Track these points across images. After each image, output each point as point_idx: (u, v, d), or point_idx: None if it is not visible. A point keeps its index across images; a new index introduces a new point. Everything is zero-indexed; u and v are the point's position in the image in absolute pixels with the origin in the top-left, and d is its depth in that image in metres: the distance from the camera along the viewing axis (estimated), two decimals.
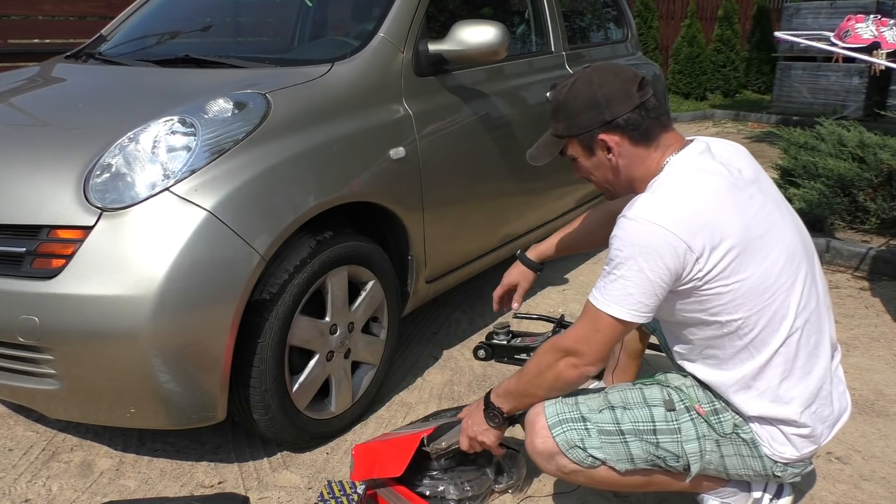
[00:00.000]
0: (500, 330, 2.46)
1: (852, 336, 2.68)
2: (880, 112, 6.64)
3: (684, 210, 1.28)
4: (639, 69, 3.70)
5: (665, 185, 1.33)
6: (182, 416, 1.65)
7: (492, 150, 2.53)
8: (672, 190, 1.31)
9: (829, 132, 4.06)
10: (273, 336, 1.73)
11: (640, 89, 1.38)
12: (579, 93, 1.41)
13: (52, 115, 1.95)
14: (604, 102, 1.38)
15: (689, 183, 1.32)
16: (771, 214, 1.36)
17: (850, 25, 3.43)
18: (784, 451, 1.40)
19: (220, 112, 1.71)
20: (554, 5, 3.09)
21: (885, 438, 2.01)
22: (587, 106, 1.39)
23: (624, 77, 1.39)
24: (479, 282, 3.25)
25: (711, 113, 9.11)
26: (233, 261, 1.60)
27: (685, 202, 1.29)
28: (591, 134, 1.41)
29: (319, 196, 1.80)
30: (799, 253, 1.38)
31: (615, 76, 1.39)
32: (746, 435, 1.41)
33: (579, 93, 1.41)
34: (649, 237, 1.27)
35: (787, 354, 1.36)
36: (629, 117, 1.37)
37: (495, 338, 2.45)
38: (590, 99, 1.39)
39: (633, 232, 1.29)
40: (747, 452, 1.42)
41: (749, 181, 1.38)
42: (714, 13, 10.62)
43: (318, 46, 2.66)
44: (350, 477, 1.72)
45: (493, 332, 2.47)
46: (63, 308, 1.52)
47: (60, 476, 1.86)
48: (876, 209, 3.63)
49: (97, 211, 1.56)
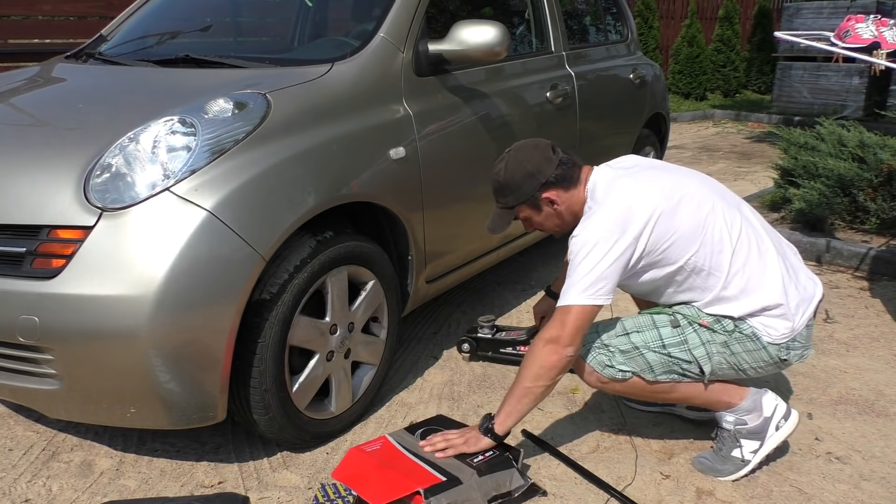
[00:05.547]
0: (484, 323, 2.46)
1: (852, 336, 2.68)
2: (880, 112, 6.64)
3: (618, 214, 1.64)
4: (638, 69, 3.70)
5: (598, 203, 1.71)
6: (182, 416, 1.65)
7: (492, 150, 2.53)
8: (604, 205, 1.68)
9: (829, 132, 4.05)
10: (273, 336, 1.73)
11: (554, 152, 1.79)
12: (514, 170, 1.78)
13: (53, 115, 1.95)
14: (535, 171, 1.77)
15: (614, 193, 1.69)
16: (673, 175, 1.75)
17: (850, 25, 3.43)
18: (779, 328, 1.71)
19: (220, 112, 1.71)
20: (554, 5, 3.09)
21: (885, 438, 2.01)
22: (524, 178, 1.78)
23: (540, 147, 1.80)
24: (479, 282, 3.26)
25: (711, 113, 9.11)
26: (233, 261, 1.60)
27: (616, 208, 1.65)
28: (536, 196, 1.79)
29: (319, 196, 1.80)
30: (707, 193, 1.73)
31: (534, 149, 1.79)
32: (747, 330, 1.72)
33: (514, 170, 1.78)
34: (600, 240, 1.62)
35: (740, 260, 1.70)
36: (556, 174, 1.77)
37: (480, 331, 2.45)
38: (524, 173, 1.77)
39: (584, 242, 1.63)
40: (753, 346, 1.73)
41: (646, 166, 1.80)
42: (714, 13, 10.62)
43: (319, 46, 2.66)
44: (332, 472, 1.73)
45: (478, 325, 2.47)
46: (63, 308, 1.52)
47: (60, 476, 1.86)
48: (876, 209, 3.63)
49: (97, 211, 1.56)
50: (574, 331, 1.63)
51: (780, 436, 1.83)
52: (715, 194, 1.76)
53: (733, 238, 1.70)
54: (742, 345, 1.73)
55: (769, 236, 1.78)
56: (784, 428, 1.83)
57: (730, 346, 1.74)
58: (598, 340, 1.78)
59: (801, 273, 1.81)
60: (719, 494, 1.78)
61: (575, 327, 1.63)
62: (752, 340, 1.73)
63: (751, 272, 1.70)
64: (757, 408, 1.82)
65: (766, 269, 1.72)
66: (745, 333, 1.72)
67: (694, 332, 1.74)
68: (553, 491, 1.79)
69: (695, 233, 1.67)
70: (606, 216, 1.65)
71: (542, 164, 1.76)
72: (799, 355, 1.77)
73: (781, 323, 1.71)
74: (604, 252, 1.61)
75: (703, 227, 1.68)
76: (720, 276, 1.70)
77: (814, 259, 3.52)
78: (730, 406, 1.82)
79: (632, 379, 1.76)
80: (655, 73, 3.95)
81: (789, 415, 1.85)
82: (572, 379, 2.36)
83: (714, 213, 1.70)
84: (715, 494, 1.78)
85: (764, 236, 1.77)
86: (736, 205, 1.78)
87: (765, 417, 1.82)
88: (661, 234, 1.65)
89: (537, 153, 1.78)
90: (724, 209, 1.72)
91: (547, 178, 1.76)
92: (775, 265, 1.73)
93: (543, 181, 1.76)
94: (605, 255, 1.61)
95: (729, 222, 1.71)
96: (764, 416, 1.82)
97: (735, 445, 1.83)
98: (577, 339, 1.65)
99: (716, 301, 1.73)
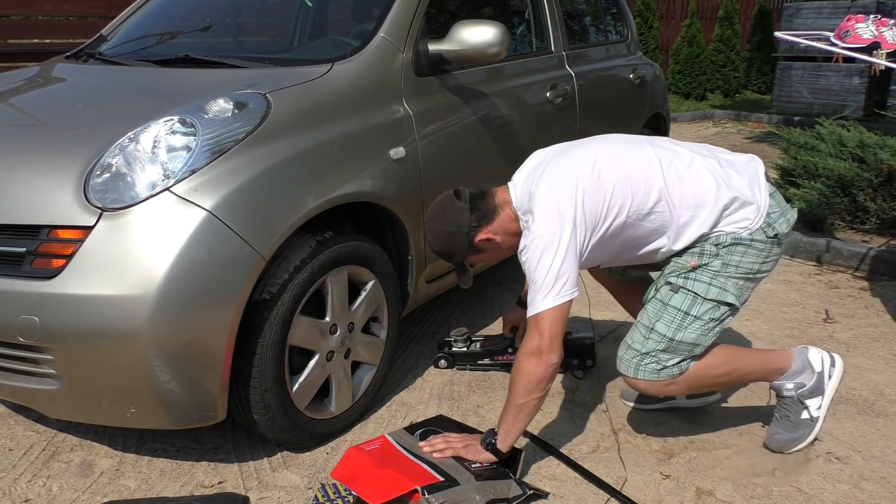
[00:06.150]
0: (458, 337, 2.46)
1: (852, 336, 2.68)
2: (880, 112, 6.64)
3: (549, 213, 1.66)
4: (638, 69, 3.70)
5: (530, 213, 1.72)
6: (182, 416, 1.65)
7: (492, 150, 2.53)
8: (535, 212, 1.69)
9: (829, 132, 4.06)
10: (273, 336, 1.73)
11: (459, 198, 1.82)
12: (439, 238, 1.84)
13: (52, 115, 1.95)
14: (455, 228, 1.80)
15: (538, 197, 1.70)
16: (578, 149, 1.78)
17: (850, 25, 3.43)
18: (748, 216, 1.72)
19: (220, 112, 1.71)
20: (554, 5, 3.09)
21: (885, 438, 2.01)
22: (451, 238, 1.82)
23: (446, 203, 1.83)
24: (480, 282, 3.26)
25: (711, 113, 9.11)
26: (233, 261, 1.60)
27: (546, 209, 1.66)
28: (471, 245, 1.83)
29: (319, 196, 1.80)
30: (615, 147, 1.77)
31: (443, 210, 1.83)
32: (726, 240, 1.73)
33: (439, 238, 1.84)
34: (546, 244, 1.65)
35: (675, 185, 1.71)
36: (474, 217, 1.80)
37: (455, 346, 2.45)
38: (447, 234, 1.82)
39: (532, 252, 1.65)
40: (743, 248, 1.74)
41: (552, 156, 1.79)
42: (714, 13, 10.62)
43: (319, 46, 2.66)
44: (331, 472, 1.73)
45: (452, 339, 2.47)
46: (63, 308, 1.52)
47: (60, 476, 1.86)
48: (876, 209, 3.63)
49: (97, 211, 1.56)
50: (552, 336, 1.64)
51: (834, 383, 1.91)
52: (622, 144, 1.79)
53: (655, 170, 1.72)
54: (734, 254, 1.74)
55: (687, 149, 1.80)
56: (835, 375, 1.91)
57: (727, 263, 1.74)
58: (635, 354, 1.78)
59: (732, 160, 1.81)
60: (719, 494, 1.78)
61: (552, 332, 1.64)
62: (738, 244, 1.73)
63: (690, 188, 1.71)
64: (807, 366, 1.89)
65: (701, 176, 1.73)
66: (727, 244, 1.73)
67: (694, 281, 1.75)
68: (553, 491, 1.78)
69: (622, 186, 1.69)
70: (541, 221, 1.67)
71: (457, 217, 1.80)
72: (786, 221, 1.77)
73: (746, 211, 1.73)
74: (552, 252, 1.63)
75: (627, 177, 1.70)
76: (666, 208, 1.72)
77: (814, 259, 3.52)
78: (783, 372, 1.88)
79: (690, 367, 1.78)
80: (655, 73, 3.95)
81: (834, 360, 1.92)
82: (573, 379, 2.37)
83: (630, 159, 1.73)
84: (715, 494, 1.78)
85: (682, 151, 1.78)
86: (647, 142, 1.81)
87: (818, 373, 1.89)
88: (593, 207, 1.67)
89: (447, 211, 1.82)
90: (636, 152, 1.75)
91: (468, 226, 1.80)
92: (706, 169, 1.74)
93: (467, 230, 1.80)
94: (555, 255, 1.63)
95: (645, 160, 1.74)
96: (817, 372, 1.89)
97: (801, 408, 1.89)
98: (557, 343, 1.65)
99: (681, 233, 1.74)
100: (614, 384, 2.34)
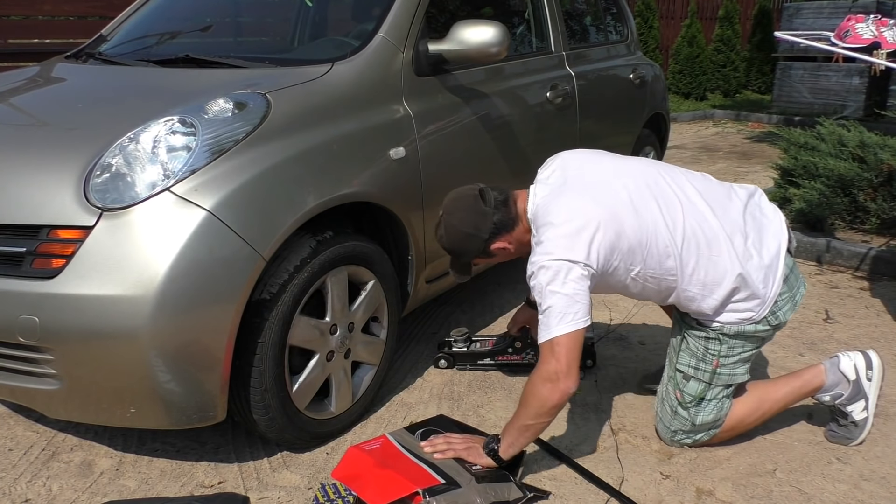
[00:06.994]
0: (458, 337, 2.46)
1: (852, 336, 2.68)
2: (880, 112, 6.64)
3: (564, 236, 1.63)
4: (638, 69, 3.70)
5: (542, 230, 1.68)
6: (182, 416, 1.65)
7: (492, 150, 2.53)
8: (548, 231, 1.65)
9: (829, 132, 4.05)
10: (273, 336, 1.73)
11: (484, 201, 1.78)
12: (454, 236, 1.80)
13: (52, 115, 1.95)
14: (474, 232, 1.78)
15: (553, 216, 1.66)
16: (602, 178, 1.73)
17: (850, 25, 3.43)
18: (751, 307, 1.73)
19: (220, 112, 1.71)
20: (554, 5, 3.09)
21: (886, 438, 2.01)
22: (466, 240, 1.79)
23: (469, 202, 1.78)
24: (480, 282, 3.26)
25: (711, 113, 9.11)
26: (233, 261, 1.60)
27: (560, 232, 1.63)
28: (485, 248, 1.81)
29: (319, 196, 1.80)
30: (642, 192, 1.71)
31: (465, 209, 1.78)
32: (729, 329, 1.76)
33: (454, 236, 1.80)
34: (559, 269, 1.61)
35: (691, 261, 1.69)
36: (495, 222, 1.78)
37: (455, 346, 2.45)
38: (464, 236, 1.79)
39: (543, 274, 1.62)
40: (745, 339, 1.79)
41: (574, 173, 1.77)
42: (715, 13, 10.62)
43: (319, 46, 2.66)
44: (332, 472, 1.73)
45: (452, 339, 2.47)
46: (63, 308, 1.52)
47: (60, 476, 1.86)
48: (876, 209, 3.63)
49: (97, 211, 1.56)
50: (569, 361, 1.61)
51: (876, 384, 1.91)
52: (654, 195, 1.72)
53: (677, 239, 1.69)
54: (737, 346, 1.81)
55: (715, 214, 1.73)
56: (875, 376, 1.90)
57: (733, 347, 1.81)
58: (665, 430, 1.93)
59: (763, 232, 1.76)
60: (719, 494, 1.78)
61: (569, 358, 1.61)
62: (740, 335, 1.79)
63: (704, 268, 1.70)
64: (840, 378, 1.90)
65: (720, 260, 1.70)
66: (731, 334, 1.79)
67: (703, 371, 1.84)
68: (553, 491, 1.78)
69: (641, 248, 1.67)
70: (553, 248, 1.63)
71: (479, 221, 1.77)
72: (792, 308, 1.79)
73: (750, 303, 1.74)
74: (563, 279, 1.61)
75: (647, 241, 1.67)
76: (676, 278, 1.72)
77: (814, 259, 3.52)
78: (820, 388, 1.91)
79: (722, 427, 1.89)
80: (655, 73, 3.95)
81: (870, 361, 1.90)
82: None
83: (657, 223, 1.68)
84: (715, 494, 1.78)
85: (709, 217, 1.72)
86: (675, 195, 1.74)
87: (853, 381, 1.89)
88: (606, 256, 1.65)
89: (469, 212, 1.78)
90: (666, 212, 1.70)
91: (489, 232, 1.78)
92: (727, 251, 1.70)
93: (487, 237, 1.78)
94: (566, 282, 1.61)
95: (671, 223, 1.69)
96: (852, 381, 1.89)
97: (846, 412, 1.92)
98: (574, 370, 1.63)
99: (681, 299, 1.77)
100: (614, 384, 2.34)
